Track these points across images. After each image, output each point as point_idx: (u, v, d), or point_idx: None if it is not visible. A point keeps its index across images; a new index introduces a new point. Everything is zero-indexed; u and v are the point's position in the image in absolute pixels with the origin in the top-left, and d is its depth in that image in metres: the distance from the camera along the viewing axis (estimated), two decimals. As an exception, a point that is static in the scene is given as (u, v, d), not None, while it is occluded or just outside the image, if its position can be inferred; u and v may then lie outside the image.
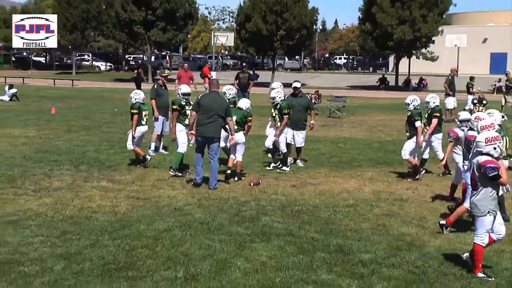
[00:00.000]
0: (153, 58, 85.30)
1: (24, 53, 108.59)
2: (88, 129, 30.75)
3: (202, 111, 18.05)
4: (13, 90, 48.01)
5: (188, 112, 20.01)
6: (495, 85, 68.91)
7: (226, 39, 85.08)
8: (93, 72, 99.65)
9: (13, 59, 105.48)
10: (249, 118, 20.06)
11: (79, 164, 21.41)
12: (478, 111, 39.54)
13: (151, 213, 15.46)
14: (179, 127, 20.01)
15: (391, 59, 78.83)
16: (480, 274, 11.46)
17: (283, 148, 21.11)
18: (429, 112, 21.19)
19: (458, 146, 16.45)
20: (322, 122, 31.81)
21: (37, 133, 29.03)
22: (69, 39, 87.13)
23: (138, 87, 30.76)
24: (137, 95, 20.82)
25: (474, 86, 41.83)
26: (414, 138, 19.80)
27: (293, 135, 21.39)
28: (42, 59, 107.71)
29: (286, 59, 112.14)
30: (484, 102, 40.88)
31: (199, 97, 18.82)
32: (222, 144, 19.88)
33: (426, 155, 21.24)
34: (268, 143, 21.65)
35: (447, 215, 15.35)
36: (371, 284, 11.14)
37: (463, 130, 16.08)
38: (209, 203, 16.58)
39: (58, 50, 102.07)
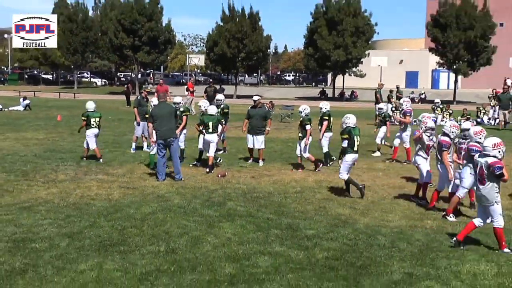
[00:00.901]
0: (139, 75, 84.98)
1: (35, 72, 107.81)
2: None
3: (157, 117, 18.21)
4: (26, 101, 47.74)
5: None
6: (415, 96, 69.33)
7: (198, 60, 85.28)
8: (91, 87, 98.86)
9: (26, 76, 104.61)
10: (222, 121, 20.76)
11: (80, 161, 21.41)
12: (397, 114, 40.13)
13: (138, 199, 15.56)
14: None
15: (329, 76, 79.17)
16: (506, 250, 11.66)
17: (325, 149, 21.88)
18: (321, 116, 21.95)
19: (423, 150, 15.94)
20: (275, 126, 31.79)
21: (45, 136, 28.95)
22: (72, 60, 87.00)
23: (128, 99, 30.60)
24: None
25: (397, 95, 42.09)
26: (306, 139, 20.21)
27: (254, 140, 21.34)
28: (49, 76, 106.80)
29: (246, 76, 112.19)
30: (400, 109, 41.33)
31: (151, 109, 19.69)
32: (200, 145, 20.63)
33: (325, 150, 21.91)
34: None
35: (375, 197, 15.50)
36: (314, 254, 11.28)
37: (427, 135, 15.76)
38: (185, 191, 16.69)
39: (63, 69, 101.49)
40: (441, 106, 43.74)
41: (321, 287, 9.70)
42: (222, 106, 23.83)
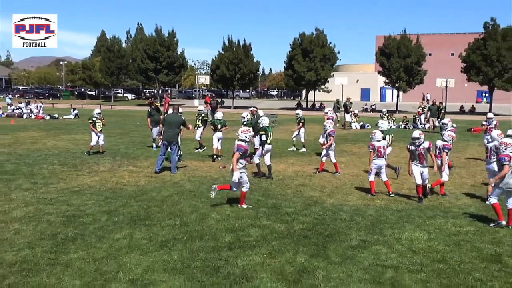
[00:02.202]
0: (160, 91, 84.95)
1: (82, 89, 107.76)
2: (121, 134, 30.53)
3: (167, 124, 18.11)
4: (76, 112, 47.65)
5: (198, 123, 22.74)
6: (366, 107, 69.63)
7: (204, 79, 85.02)
8: (124, 100, 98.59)
9: (76, 93, 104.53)
10: (226, 124, 21.33)
11: (115, 156, 21.33)
12: (354, 121, 40.21)
13: (159, 185, 15.50)
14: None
15: (304, 92, 79.23)
16: None
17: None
18: (298, 120, 24.10)
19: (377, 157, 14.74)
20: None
21: (88, 137, 28.78)
22: (109, 80, 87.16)
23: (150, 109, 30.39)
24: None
25: (351, 107, 42.24)
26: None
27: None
28: (93, 93, 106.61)
29: (241, 91, 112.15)
30: (358, 116, 41.54)
31: (166, 116, 19.48)
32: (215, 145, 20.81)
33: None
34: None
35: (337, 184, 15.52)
36: (292, 226, 11.28)
37: (412, 144, 14.03)
38: (194, 179, 16.62)
39: (103, 87, 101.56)
40: (387, 114, 43.84)
41: (298, 251, 9.70)
42: (202, 115, 23.74)
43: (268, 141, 17.19)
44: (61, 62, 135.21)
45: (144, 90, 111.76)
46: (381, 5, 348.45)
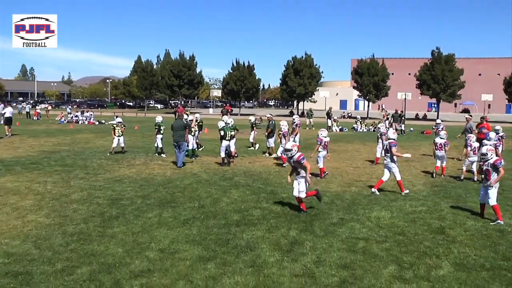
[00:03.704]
0: (182, 102, 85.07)
1: (123, 101, 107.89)
2: (152, 136, 30.49)
3: (174, 128, 17.86)
4: (118, 119, 47.38)
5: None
6: (344, 114, 69.58)
7: (217, 93, 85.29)
8: (154, 109, 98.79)
9: (118, 103, 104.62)
10: (236, 127, 19.75)
11: (147, 153, 21.33)
12: (335, 125, 40.05)
13: (182, 176, 15.43)
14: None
15: (295, 102, 79.34)
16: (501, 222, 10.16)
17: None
18: (294, 124, 22.76)
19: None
20: (263, 131, 31.87)
21: (128, 138, 28.68)
22: (144, 93, 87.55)
23: (175, 116, 30.08)
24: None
25: (332, 114, 42.16)
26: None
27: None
28: (131, 103, 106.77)
29: (246, 102, 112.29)
30: (337, 122, 41.47)
31: (172, 123, 18.59)
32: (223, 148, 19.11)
33: (271, 144, 21.03)
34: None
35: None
36: (286, 208, 11.23)
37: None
38: (209, 171, 16.56)
39: (138, 99, 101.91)
40: (360, 120, 44.03)
41: (290, 227, 9.67)
42: (198, 120, 21.93)
43: (227, 138, 18.16)
44: (107, 80, 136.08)
45: (170, 101, 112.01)
46: (355, 36, 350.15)
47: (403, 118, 39.88)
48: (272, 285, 6.83)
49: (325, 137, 15.88)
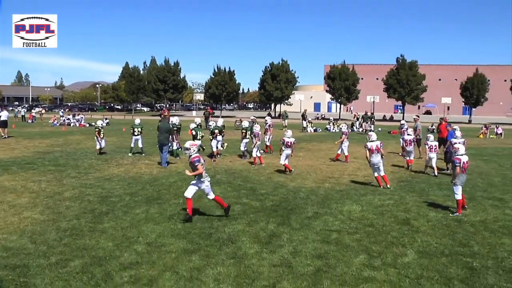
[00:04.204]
0: (167, 105, 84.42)
1: (112, 104, 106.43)
2: (140, 137, 30.28)
3: (160, 130, 17.47)
4: (107, 121, 46.85)
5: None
6: (318, 116, 69.91)
7: (200, 96, 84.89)
8: (141, 112, 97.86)
9: (107, 107, 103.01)
10: (223, 130, 19.85)
11: (135, 153, 21.08)
12: (309, 126, 40.18)
13: (167, 174, 15.32)
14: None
15: (273, 105, 79.42)
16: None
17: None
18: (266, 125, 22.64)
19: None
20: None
21: (117, 139, 28.47)
22: (131, 97, 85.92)
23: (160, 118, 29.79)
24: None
25: (307, 116, 42.28)
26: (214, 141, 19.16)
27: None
28: (119, 107, 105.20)
29: (227, 105, 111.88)
30: (312, 123, 41.58)
31: (158, 124, 18.14)
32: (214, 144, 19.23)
33: (243, 147, 20.00)
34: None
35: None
36: (264, 203, 11.24)
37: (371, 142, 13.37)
38: (194, 169, 16.52)
39: (126, 102, 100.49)
40: (332, 121, 44.21)
41: (269, 221, 9.68)
42: (177, 123, 20.35)
43: (198, 138, 18.15)
44: (97, 85, 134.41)
45: (156, 105, 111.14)
46: (328, 44, 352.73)
47: (373, 119, 40.32)
48: (252, 275, 6.84)
49: (289, 137, 15.89)
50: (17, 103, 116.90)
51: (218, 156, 19.67)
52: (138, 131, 20.64)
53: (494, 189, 13.45)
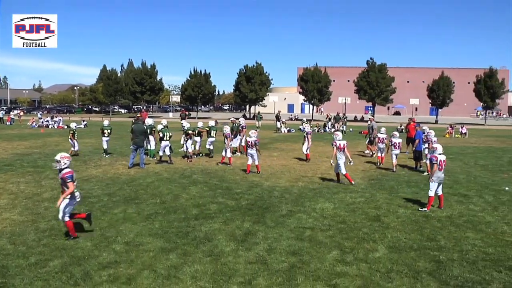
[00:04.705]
0: (144, 107, 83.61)
1: (90, 106, 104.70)
2: (117, 139, 29.87)
3: (134, 132, 17.09)
4: (85, 123, 46.14)
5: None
6: (291, 117, 70.23)
7: (176, 98, 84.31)
8: (119, 114, 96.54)
9: (85, 109, 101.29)
10: (200, 131, 19.91)
11: (113, 154, 20.79)
12: (283, 127, 40.33)
13: (144, 174, 15.16)
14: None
15: (247, 106, 79.43)
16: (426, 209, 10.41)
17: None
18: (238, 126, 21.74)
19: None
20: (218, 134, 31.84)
21: (95, 141, 28.10)
22: (109, 99, 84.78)
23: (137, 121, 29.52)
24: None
25: (281, 117, 42.42)
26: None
27: (212, 142, 20.03)
28: (97, 109, 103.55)
29: (203, 106, 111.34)
30: (285, 124, 41.74)
31: (133, 126, 17.80)
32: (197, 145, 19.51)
33: (209, 146, 20.17)
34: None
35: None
36: (240, 202, 11.25)
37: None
38: (169, 169, 16.30)
39: (104, 105, 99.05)
40: (306, 122, 44.40)
41: (244, 219, 9.71)
42: (151, 125, 19.04)
43: (165, 139, 17.79)
44: (75, 88, 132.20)
45: (133, 106, 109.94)
46: (301, 47, 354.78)
47: (345, 119, 40.80)
48: (229, 272, 6.85)
49: (251, 137, 15.88)
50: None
51: (194, 156, 19.57)
52: (108, 132, 20.67)
53: (459, 186, 13.80)
